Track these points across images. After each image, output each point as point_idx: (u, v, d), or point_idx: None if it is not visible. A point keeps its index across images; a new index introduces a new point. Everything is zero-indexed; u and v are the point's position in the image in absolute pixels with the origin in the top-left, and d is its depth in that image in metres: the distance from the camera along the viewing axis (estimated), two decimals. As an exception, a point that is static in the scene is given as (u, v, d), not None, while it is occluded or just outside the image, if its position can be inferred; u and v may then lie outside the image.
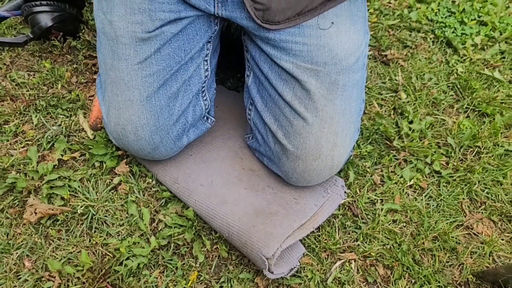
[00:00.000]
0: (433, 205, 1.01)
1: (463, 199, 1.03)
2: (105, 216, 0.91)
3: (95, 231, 0.89)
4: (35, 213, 0.87)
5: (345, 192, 1.00)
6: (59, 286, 0.81)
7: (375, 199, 1.00)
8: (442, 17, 1.41)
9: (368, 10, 1.41)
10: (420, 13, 1.42)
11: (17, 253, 0.84)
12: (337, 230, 0.95)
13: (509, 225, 1.00)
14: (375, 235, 0.94)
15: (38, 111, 1.04)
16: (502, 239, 0.97)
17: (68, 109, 1.06)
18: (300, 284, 0.87)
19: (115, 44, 0.83)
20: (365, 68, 0.95)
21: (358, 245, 0.93)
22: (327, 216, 0.94)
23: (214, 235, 0.91)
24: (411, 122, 1.14)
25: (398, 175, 1.05)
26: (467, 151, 1.11)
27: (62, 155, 0.98)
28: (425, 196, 1.02)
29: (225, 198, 0.91)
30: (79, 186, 0.93)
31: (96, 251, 0.86)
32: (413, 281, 0.90)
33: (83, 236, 0.88)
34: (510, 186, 1.05)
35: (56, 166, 0.96)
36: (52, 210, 0.88)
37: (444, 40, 1.37)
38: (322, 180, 0.94)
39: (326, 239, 0.93)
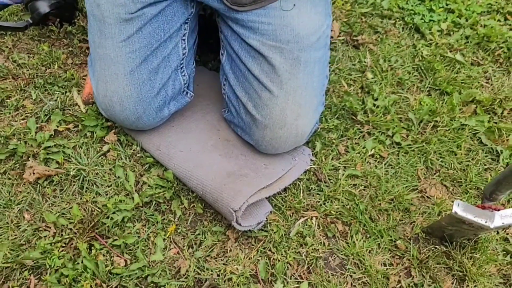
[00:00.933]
0: (391, 172, 1.12)
1: (420, 167, 1.14)
2: (95, 178, 1.02)
3: (86, 191, 1.00)
4: (33, 173, 0.98)
5: (311, 160, 1.11)
6: (54, 235, 0.93)
7: (338, 166, 1.11)
8: (412, 5, 1.52)
9: (344, -1, 1.52)
10: (392, 2, 1.52)
11: (17, 207, 0.96)
12: (301, 192, 1.06)
13: (459, 189, 1.11)
14: (336, 197, 1.05)
15: (36, 88, 1.16)
16: (452, 201, 1.08)
17: (63, 87, 1.18)
18: (266, 237, 0.98)
19: (102, 25, 0.95)
20: (327, 48, 1.06)
21: (320, 205, 1.04)
22: (293, 179, 1.05)
23: (191, 195, 1.03)
24: (376, 99, 1.25)
25: (361, 146, 1.16)
26: (426, 125, 1.22)
27: (57, 126, 1.09)
28: (385, 164, 1.13)
29: (201, 162, 1.02)
30: (72, 153, 1.05)
31: (86, 207, 0.97)
32: (368, 235, 1.01)
33: (75, 195, 1.00)
34: (463, 156, 1.16)
35: (52, 136, 1.08)
36: (48, 171, 1.00)
37: (413, 26, 1.48)
38: (289, 148, 1.05)
39: (291, 199, 1.04)
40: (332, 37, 1.40)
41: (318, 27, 0.98)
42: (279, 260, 0.95)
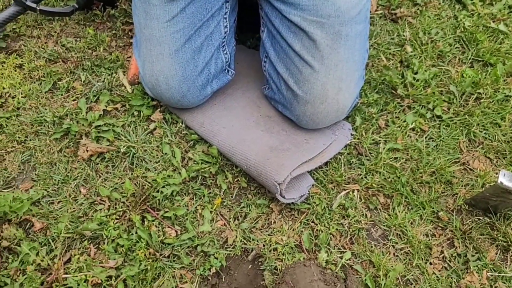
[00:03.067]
0: (432, 145, 1.12)
1: (462, 139, 1.13)
2: (144, 154, 1.07)
3: (136, 166, 1.06)
4: (87, 150, 1.04)
5: (351, 134, 1.12)
6: (108, 208, 0.99)
7: (379, 140, 1.12)
8: (453, -25, 1.48)
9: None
10: (432, -27, 1.48)
11: (74, 183, 1.02)
12: (343, 166, 1.07)
13: (504, 161, 1.09)
14: (377, 170, 1.07)
15: (85, 70, 1.22)
16: (496, 173, 1.07)
17: (109, 68, 1.23)
18: (308, 209, 1.01)
19: (147, 6, 0.98)
20: (368, 21, 1.06)
21: (362, 178, 1.06)
22: (334, 153, 1.07)
23: (235, 170, 1.06)
24: (416, 73, 1.24)
25: (401, 120, 1.16)
26: (469, 98, 1.20)
27: (106, 106, 1.14)
28: (426, 137, 1.13)
29: (244, 138, 1.05)
30: (121, 131, 1.10)
31: (137, 182, 1.03)
32: (409, 207, 1.02)
33: (126, 170, 1.05)
34: (507, 128, 1.14)
35: (101, 115, 1.13)
36: (100, 148, 1.05)
37: (454, -3, 1.44)
38: (330, 123, 1.07)
39: (332, 173, 1.06)
40: (369, 11, 1.39)
41: (359, 0, 0.98)
42: (322, 231, 0.97)
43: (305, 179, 1.03)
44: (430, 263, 0.95)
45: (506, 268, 0.94)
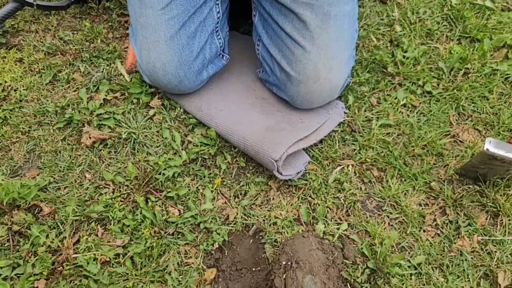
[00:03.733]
0: (423, 120, 1.15)
1: (451, 113, 1.17)
2: (145, 140, 1.11)
3: (137, 151, 1.09)
4: (90, 137, 1.08)
5: (345, 112, 1.16)
6: (113, 191, 1.03)
7: (371, 117, 1.16)
8: (439, -45, 1.51)
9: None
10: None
11: (79, 169, 1.06)
12: (337, 143, 1.11)
13: (492, 132, 1.13)
14: (370, 145, 1.11)
15: (83, 61, 1.25)
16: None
17: (107, 59, 1.26)
18: (305, 185, 1.05)
19: (141, -6, 1.02)
20: (356, 2, 1.09)
21: (356, 153, 1.10)
22: (328, 131, 1.11)
23: (234, 150, 1.10)
24: (405, 51, 1.27)
25: (392, 97, 1.19)
26: (457, 73, 1.24)
27: (106, 95, 1.18)
28: (417, 112, 1.17)
29: (241, 119, 1.09)
30: (122, 118, 1.14)
31: (139, 166, 1.07)
32: (403, 179, 1.06)
33: (128, 155, 1.09)
34: (495, 100, 1.18)
35: (102, 104, 1.16)
36: (103, 135, 1.09)
37: (440, -23, 1.47)
38: (323, 102, 1.11)
39: (327, 150, 1.10)
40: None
41: (346, -19, 1.01)
42: (319, 205, 1.02)
43: (301, 156, 1.07)
44: (424, 231, 0.99)
45: (496, 232, 0.98)
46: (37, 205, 1.00)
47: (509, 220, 0.99)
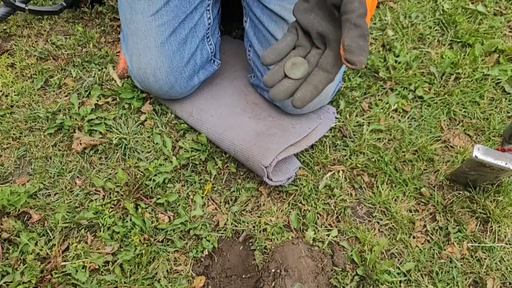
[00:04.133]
0: (414, 125, 1.16)
1: (443, 118, 1.17)
2: (136, 145, 1.11)
3: (128, 157, 1.09)
4: (80, 143, 1.08)
5: (336, 117, 1.16)
6: (103, 197, 1.03)
7: (362, 122, 1.16)
8: (432, -41, 1.51)
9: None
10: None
11: (69, 175, 1.06)
12: (328, 148, 1.11)
13: (482, 137, 1.13)
14: (361, 151, 1.11)
15: (75, 66, 1.25)
16: (475, 149, 1.11)
17: (99, 64, 1.26)
18: (296, 190, 1.05)
19: (132, 1, 1.01)
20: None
21: (347, 159, 1.10)
22: (319, 137, 1.11)
23: (224, 156, 1.10)
24: (397, 56, 1.27)
25: (384, 102, 1.20)
26: (449, 78, 1.24)
27: (97, 100, 1.18)
28: (408, 117, 1.17)
29: (231, 125, 1.09)
30: (113, 123, 1.14)
31: (130, 172, 1.06)
32: (393, 185, 1.06)
33: (119, 161, 1.09)
34: (486, 105, 1.18)
35: (93, 109, 1.16)
36: (94, 141, 1.09)
37: (433, -19, 1.47)
38: (314, 108, 1.11)
39: (318, 155, 1.10)
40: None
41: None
42: (309, 211, 1.02)
43: (292, 162, 1.07)
44: (413, 237, 0.99)
45: (485, 238, 0.99)
46: (27, 212, 1.00)
47: (499, 226, 0.99)
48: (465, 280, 0.94)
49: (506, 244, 0.98)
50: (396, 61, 1.26)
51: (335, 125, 1.14)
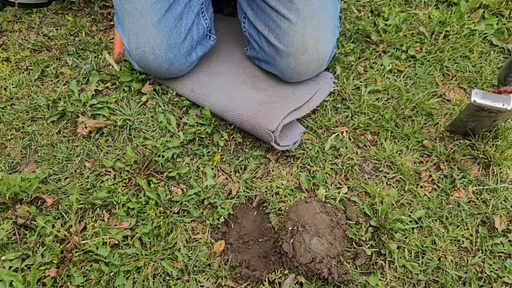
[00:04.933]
0: (410, 83, 1.19)
1: (436, 74, 1.20)
2: (140, 125, 1.12)
3: (134, 137, 1.10)
4: (86, 127, 1.09)
5: (334, 82, 1.18)
6: (114, 177, 1.04)
7: (360, 84, 1.19)
8: None
9: None
10: None
11: (78, 159, 1.07)
12: (330, 111, 1.14)
13: (476, 88, 1.17)
14: (362, 111, 1.13)
15: (70, 55, 1.25)
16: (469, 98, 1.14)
17: (94, 51, 1.26)
18: (303, 154, 1.07)
19: (125, -20, 1.02)
20: (337, -29, 1.11)
21: (348, 120, 1.13)
22: (320, 101, 1.13)
23: (229, 128, 1.12)
24: (387, 20, 1.31)
25: (378, 64, 1.23)
26: (438, 36, 1.28)
27: (97, 86, 1.18)
28: (403, 76, 1.20)
29: (234, 96, 1.11)
30: (115, 106, 1.14)
31: (138, 150, 1.07)
32: (396, 140, 1.09)
33: (126, 142, 1.10)
34: (476, 59, 1.22)
35: (94, 95, 1.17)
36: (99, 124, 1.10)
37: None
38: (312, 73, 1.13)
39: (321, 119, 1.12)
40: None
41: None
42: (318, 172, 1.04)
43: (296, 127, 1.09)
44: (421, 187, 1.02)
45: (489, 181, 1.02)
46: (40, 197, 1.00)
47: (500, 169, 1.03)
48: (473, 221, 0.97)
49: (509, 184, 1.02)
50: (386, 25, 1.29)
51: (334, 89, 1.17)
